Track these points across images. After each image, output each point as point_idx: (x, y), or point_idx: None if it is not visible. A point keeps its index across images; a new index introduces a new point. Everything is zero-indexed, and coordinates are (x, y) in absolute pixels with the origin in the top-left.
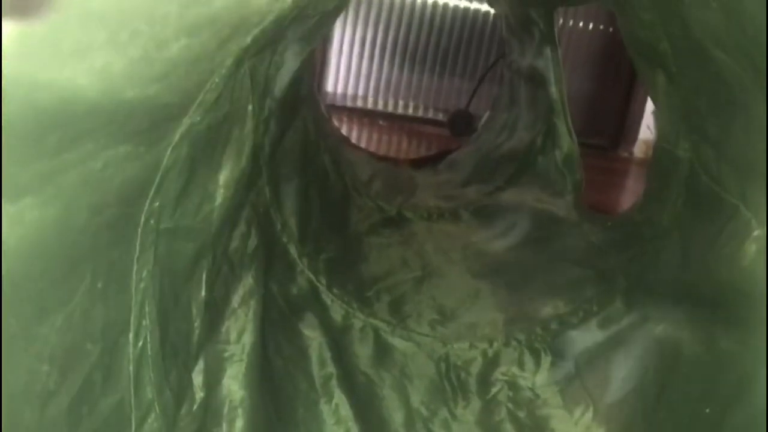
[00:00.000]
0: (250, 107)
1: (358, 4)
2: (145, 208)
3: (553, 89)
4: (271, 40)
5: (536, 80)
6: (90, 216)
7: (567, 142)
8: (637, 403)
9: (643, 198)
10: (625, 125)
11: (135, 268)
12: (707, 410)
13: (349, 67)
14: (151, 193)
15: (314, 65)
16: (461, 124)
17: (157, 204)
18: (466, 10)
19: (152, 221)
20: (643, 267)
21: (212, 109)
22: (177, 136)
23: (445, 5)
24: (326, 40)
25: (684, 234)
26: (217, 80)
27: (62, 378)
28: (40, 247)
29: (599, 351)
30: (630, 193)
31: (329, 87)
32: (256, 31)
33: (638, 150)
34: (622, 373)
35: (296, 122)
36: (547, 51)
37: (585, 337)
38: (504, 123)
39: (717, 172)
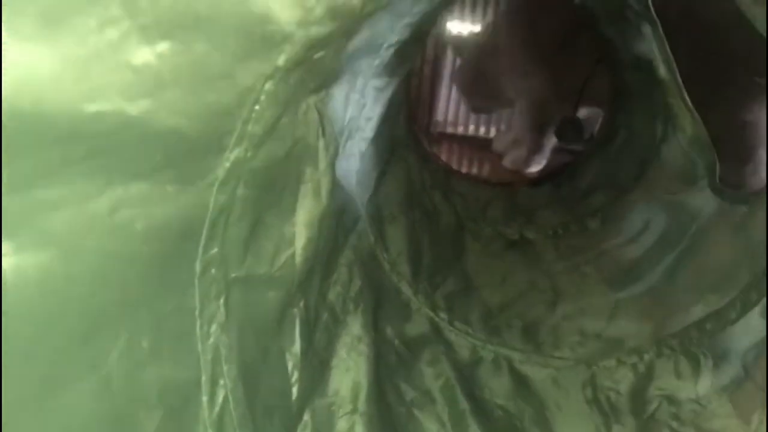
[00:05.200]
0: (321, 144)
1: None
2: (199, 255)
3: (662, 69)
4: (330, 70)
5: (643, 67)
6: (108, 266)
7: (689, 122)
8: None
9: None
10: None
11: (198, 323)
12: None
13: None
14: (203, 239)
15: (421, 101)
16: (570, 131)
17: (215, 251)
18: None
19: (213, 270)
20: None
21: (264, 144)
22: (221, 173)
23: None
24: (436, 76)
25: None
26: (257, 109)
27: None
28: (29, 301)
29: None
30: None
31: (440, 116)
32: (288, 49)
33: None
34: None
35: (395, 163)
36: (647, 30)
37: (748, 332)
38: (619, 123)
39: None
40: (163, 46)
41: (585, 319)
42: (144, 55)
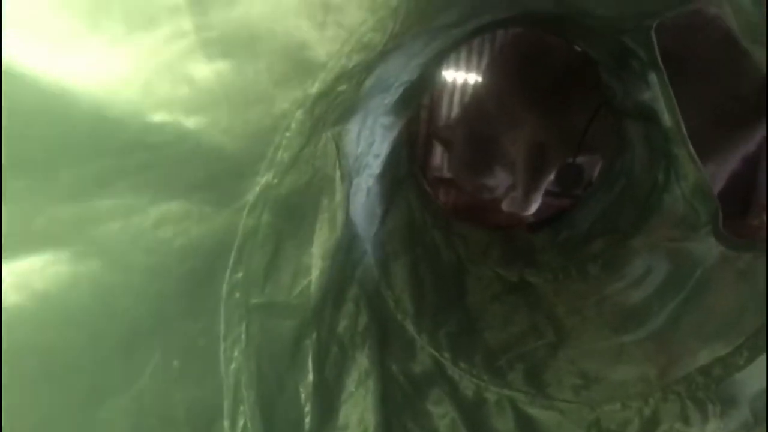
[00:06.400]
0: (338, 176)
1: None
2: (226, 278)
3: (666, 117)
4: (349, 104)
5: (646, 115)
6: (149, 280)
7: (691, 170)
8: None
9: None
10: (754, 190)
11: (223, 346)
12: None
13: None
14: (231, 262)
15: (417, 144)
16: (570, 177)
17: (240, 275)
18: None
19: (237, 294)
20: None
21: (290, 172)
22: (251, 198)
23: None
24: (431, 120)
25: None
26: (288, 135)
27: None
28: (80, 311)
29: None
30: None
31: (436, 161)
32: (321, 77)
33: None
34: None
35: (397, 201)
36: (653, 78)
37: (757, 378)
38: (619, 170)
39: None
40: (221, 64)
41: (588, 362)
42: (204, 70)
